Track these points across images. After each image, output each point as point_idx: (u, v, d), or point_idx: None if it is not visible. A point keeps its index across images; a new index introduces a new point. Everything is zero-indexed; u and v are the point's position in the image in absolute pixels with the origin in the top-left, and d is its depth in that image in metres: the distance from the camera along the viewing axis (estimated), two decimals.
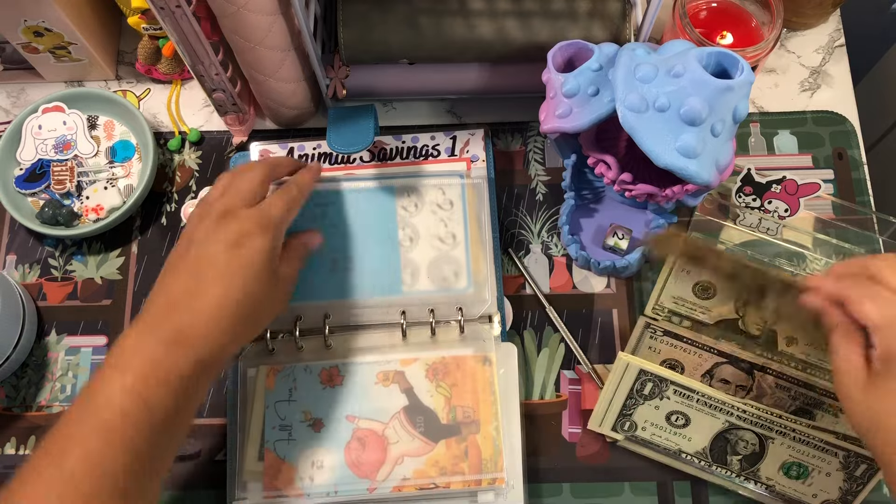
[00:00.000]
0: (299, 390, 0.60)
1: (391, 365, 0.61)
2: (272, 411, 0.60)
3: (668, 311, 0.62)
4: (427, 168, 0.66)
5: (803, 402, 0.59)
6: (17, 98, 0.75)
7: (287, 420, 0.60)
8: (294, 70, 0.64)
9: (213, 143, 0.72)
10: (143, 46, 0.70)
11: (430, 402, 0.60)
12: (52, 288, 0.68)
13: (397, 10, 0.64)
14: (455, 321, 0.62)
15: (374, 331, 0.62)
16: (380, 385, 0.60)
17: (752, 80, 0.52)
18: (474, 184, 0.65)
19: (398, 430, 0.59)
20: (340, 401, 0.60)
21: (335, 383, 0.61)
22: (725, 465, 0.58)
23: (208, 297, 0.49)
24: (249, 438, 0.59)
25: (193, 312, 0.49)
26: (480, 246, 0.63)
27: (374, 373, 0.61)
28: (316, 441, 0.59)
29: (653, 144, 0.52)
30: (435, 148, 0.67)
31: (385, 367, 0.61)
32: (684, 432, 0.58)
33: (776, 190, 0.64)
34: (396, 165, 0.67)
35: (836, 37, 0.74)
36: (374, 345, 0.62)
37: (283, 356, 0.62)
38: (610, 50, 0.57)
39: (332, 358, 0.61)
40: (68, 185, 0.67)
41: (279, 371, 0.61)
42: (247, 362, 0.61)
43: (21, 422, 0.64)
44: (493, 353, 0.61)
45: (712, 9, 0.68)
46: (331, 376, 0.61)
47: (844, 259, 0.65)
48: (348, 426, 0.59)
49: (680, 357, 0.60)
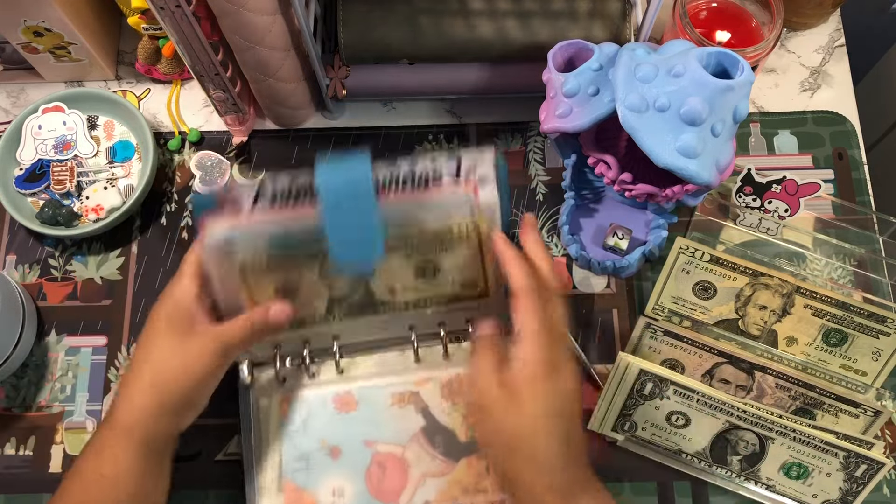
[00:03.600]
0: (314, 418, 0.59)
1: (406, 386, 0.59)
2: (289, 441, 0.59)
3: (668, 311, 0.62)
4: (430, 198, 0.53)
5: (803, 402, 0.59)
6: (17, 98, 0.75)
7: (304, 448, 0.58)
8: (294, 70, 0.64)
9: (213, 143, 0.72)
10: (143, 46, 0.70)
11: (448, 421, 0.58)
12: (52, 288, 0.67)
13: (397, 10, 0.64)
14: (466, 341, 0.60)
15: (385, 351, 0.61)
16: (395, 407, 0.59)
17: (753, 80, 0.52)
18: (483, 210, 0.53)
19: (418, 451, 0.58)
20: (357, 426, 0.59)
21: (350, 409, 0.59)
22: (725, 465, 0.58)
23: (128, 371, 0.52)
24: (267, 470, 0.58)
25: (120, 391, 0.51)
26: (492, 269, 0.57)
27: (389, 395, 0.59)
28: (335, 468, 0.58)
29: (653, 144, 0.52)
30: (436, 171, 0.54)
31: (399, 389, 0.59)
32: (684, 432, 0.58)
33: (776, 190, 0.64)
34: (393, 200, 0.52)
35: (836, 37, 0.74)
36: (386, 367, 0.60)
37: (294, 384, 0.60)
38: (610, 50, 0.56)
39: (344, 383, 0.60)
40: (68, 186, 0.67)
41: (292, 400, 0.59)
42: (258, 392, 0.60)
43: (21, 422, 0.64)
44: None
45: (712, 9, 0.68)
46: (345, 402, 0.59)
47: (845, 259, 0.65)
48: (367, 451, 0.58)
49: (680, 357, 0.60)
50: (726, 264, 0.59)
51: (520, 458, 0.47)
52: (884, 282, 0.64)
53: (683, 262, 0.60)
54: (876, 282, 0.64)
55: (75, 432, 0.63)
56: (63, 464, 0.62)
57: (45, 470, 0.62)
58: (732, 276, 0.60)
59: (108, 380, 0.65)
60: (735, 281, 0.60)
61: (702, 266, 0.60)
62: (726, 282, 0.60)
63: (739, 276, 0.60)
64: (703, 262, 0.60)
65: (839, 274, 0.65)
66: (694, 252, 0.59)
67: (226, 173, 0.71)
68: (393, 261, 0.55)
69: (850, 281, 0.65)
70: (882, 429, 0.61)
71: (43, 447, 0.63)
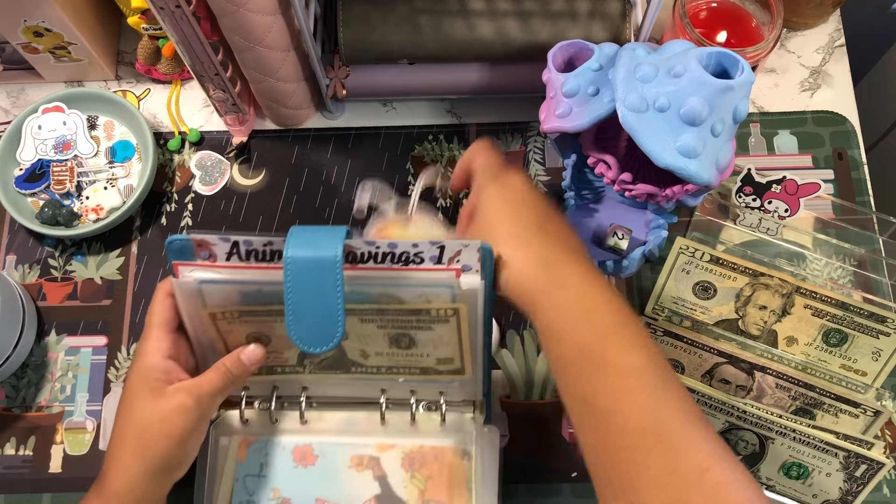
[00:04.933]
0: (271, 466, 0.58)
1: (367, 449, 0.58)
2: (241, 485, 0.57)
3: (668, 311, 0.62)
4: (409, 276, 0.49)
5: (803, 402, 0.59)
6: (17, 98, 0.75)
7: (255, 496, 0.57)
8: (294, 70, 0.64)
9: (213, 144, 0.72)
10: (143, 46, 0.70)
11: (403, 493, 0.57)
12: (52, 288, 0.68)
13: (397, 10, 0.64)
14: (437, 409, 0.57)
15: (352, 410, 0.59)
16: (353, 469, 0.58)
17: (753, 80, 0.52)
18: (466, 295, 0.50)
19: None
20: (312, 482, 0.57)
21: (308, 463, 0.58)
22: None
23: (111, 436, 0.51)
24: None
25: (107, 454, 0.51)
26: (470, 350, 0.55)
27: (349, 455, 0.58)
28: None
29: (653, 144, 0.52)
30: (417, 255, 0.49)
31: (360, 451, 0.58)
32: None
33: (776, 190, 0.64)
34: (371, 270, 0.49)
35: (836, 37, 0.74)
36: (351, 425, 0.58)
37: (256, 427, 0.58)
38: (610, 50, 0.56)
39: (307, 435, 0.58)
40: (68, 186, 0.67)
41: (252, 443, 0.58)
42: (220, 430, 0.58)
43: (21, 422, 0.64)
44: (473, 447, 0.57)
45: (712, 9, 0.68)
46: (304, 455, 0.58)
47: (845, 259, 0.65)
48: None
49: (680, 357, 0.60)
50: (726, 264, 0.59)
51: (505, 269, 0.48)
52: (884, 282, 0.64)
53: (683, 262, 0.60)
54: (876, 282, 0.64)
55: (75, 432, 0.63)
56: (63, 464, 0.62)
57: (45, 470, 0.62)
58: (732, 276, 0.60)
59: (108, 380, 0.65)
60: (735, 281, 0.60)
61: (702, 266, 0.60)
62: (726, 282, 0.60)
63: (739, 276, 0.60)
64: (703, 262, 0.60)
65: (839, 274, 0.65)
66: (694, 252, 0.59)
67: (226, 173, 0.71)
68: (366, 328, 0.53)
69: (850, 281, 0.65)
70: (882, 429, 0.61)
71: (43, 447, 0.63)
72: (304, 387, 0.58)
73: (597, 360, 0.43)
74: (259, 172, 0.71)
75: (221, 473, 0.58)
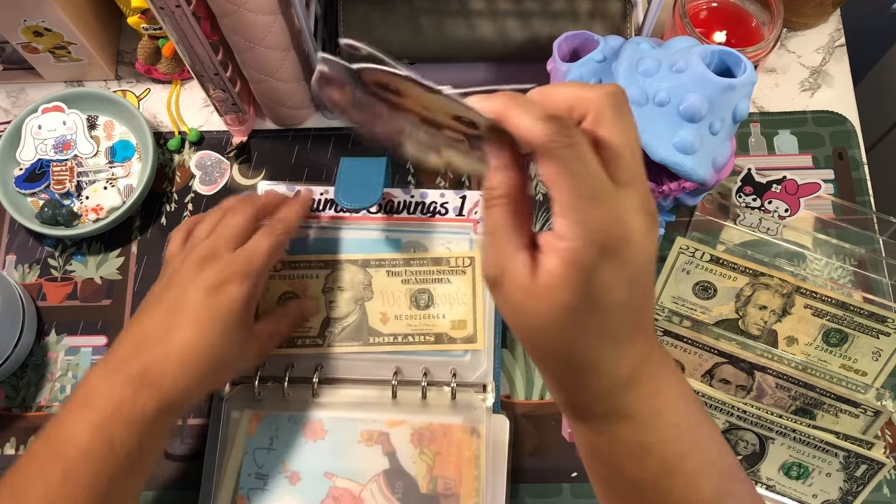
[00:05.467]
0: (281, 440, 0.59)
1: (377, 425, 0.59)
2: (251, 457, 0.58)
3: (668, 310, 0.62)
4: (435, 224, 0.63)
5: (803, 402, 0.59)
6: (16, 98, 0.75)
7: (264, 469, 0.58)
8: (294, 70, 0.64)
9: (213, 143, 0.72)
10: (143, 46, 0.70)
11: (412, 469, 0.58)
12: (52, 288, 0.67)
13: (398, 10, 0.64)
14: (448, 386, 0.59)
15: (364, 387, 0.60)
16: (362, 444, 0.58)
17: (755, 80, 0.52)
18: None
19: (375, 493, 0.57)
20: (321, 456, 0.58)
21: (318, 437, 0.59)
22: None
23: (179, 341, 0.49)
24: (224, 481, 0.58)
25: (163, 354, 0.49)
26: (483, 312, 0.60)
27: (359, 431, 0.59)
28: (290, 494, 0.57)
29: (650, 138, 0.52)
30: (443, 206, 0.64)
31: (370, 427, 0.59)
32: None
33: (776, 190, 0.64)
34: (403, 220, 0.63)
35: (836, 37, 0.74)
36: (362, 401, 0.60)
37: (269, 403, 0.60)
38: (615, 42, 0.57)
39: (318, 410, 0.59)
40: (68, 185, 0.67)
41: (263, 417, 0.59)
42: (232, 404, 0.60)
43: (21, 422, 0.63)
44: (483, 425, 0.58)
45: (712, 8, 0.68)
46: (314, 430, 0.59)
47: (845, 259, 0.65)
48: (325, 483, 0.57)
49: (680, 357, 0.60)
50: (726, 264, 0.59)
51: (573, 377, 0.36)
52: (884, 282, 0.64)
53: (683, 261, 0.60)
54: (876, 282, 0.64)
55: None
56: None
57: None
58: (732, 276, 0.60)
59: None
60: (735, 281, 0.60)
61: (702, 266, 0.60)
62: (726, 282, 0.60)
63: (739, 276, 0.60)
64: (703, 262, 0.60)
65: (839, 274, 0.65)
66: (694, 252, 0.59)
67: (226, 173, 0.71)
68: (391, 284, 0.61)
69: (850, 281, 0.65)
70: (882, 429, 0.61)
71: None
72: (318, 366, 0.60)
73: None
74: (259, 172, 0.71)
75: (231, 446, 0.59)
